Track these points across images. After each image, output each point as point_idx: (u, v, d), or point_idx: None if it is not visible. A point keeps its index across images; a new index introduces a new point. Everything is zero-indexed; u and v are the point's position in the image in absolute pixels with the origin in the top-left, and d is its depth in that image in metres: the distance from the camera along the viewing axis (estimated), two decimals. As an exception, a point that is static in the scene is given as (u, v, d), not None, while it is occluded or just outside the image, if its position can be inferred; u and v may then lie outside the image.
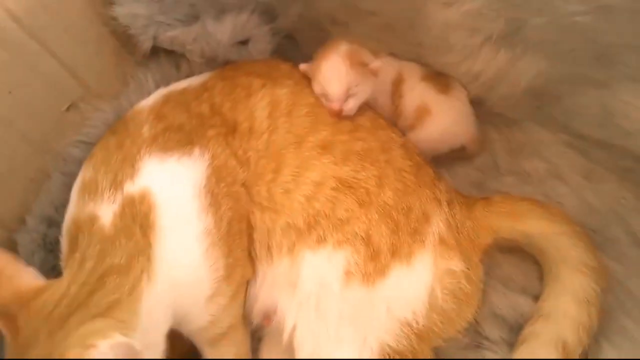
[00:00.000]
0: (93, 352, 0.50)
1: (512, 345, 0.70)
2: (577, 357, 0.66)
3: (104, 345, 0.51)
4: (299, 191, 0.66)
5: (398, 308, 0.63)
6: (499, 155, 0.78)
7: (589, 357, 0.67)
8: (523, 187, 0.76)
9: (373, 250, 0.64)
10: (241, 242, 0.67)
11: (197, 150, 0.66)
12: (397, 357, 0.63)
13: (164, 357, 0.60)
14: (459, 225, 0.68)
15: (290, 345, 0.65)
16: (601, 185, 0.75)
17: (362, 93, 0.73)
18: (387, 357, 0.63)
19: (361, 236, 0.65)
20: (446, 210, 0.68)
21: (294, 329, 0.65)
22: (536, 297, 0.72)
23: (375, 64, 0.73)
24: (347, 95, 0.71)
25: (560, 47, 0.66)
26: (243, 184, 0.68)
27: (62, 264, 0.63)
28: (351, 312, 0.63)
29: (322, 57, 0.74)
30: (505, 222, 0.69)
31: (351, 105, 0.72)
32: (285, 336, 0.65)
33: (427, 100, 0.77)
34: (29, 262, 0.61)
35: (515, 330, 0.71)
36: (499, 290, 0.72)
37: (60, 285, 0.57)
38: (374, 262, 0.64)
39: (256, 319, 0.70)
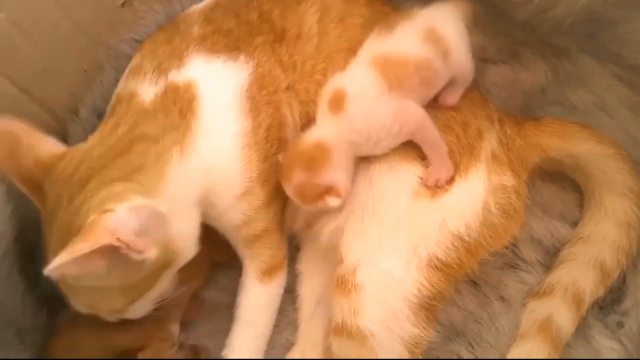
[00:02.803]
0: (110, 217, 0.48)
1: (547, 267, 0.72)
2: (614, 280, 0.67)
3: (122, 209, 0.49)
4: None
5: (453, 221, 0.63)
6: (545, 85, 0.78)
7: (627, 281, 0.69)
8: (568, 118, 0.75)
9: None
10: (279, 149, 0.67)
11: (242, 57, 0.66)
12: (444, 268, 0.63)
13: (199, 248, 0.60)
14: (509, 142, 0.68)
15: (333, 250, 0.65)
16: (647, 118, 0.74)
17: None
18: (434, 268, 0.62)
19: None
20: (497, 128, 0.68)
21: (342, 233, 0.65)
22: (574, 224, 0.72)
23: (332, 201, 0.62)
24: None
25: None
26: (287, 87, 0.67)
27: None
28: (408, 221, 0.63)
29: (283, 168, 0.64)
30: (553, 141, 0.69)
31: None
32: (332, 240, 0.66)
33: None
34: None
35: (551, 254, 0.72)
36: (537, 215, 0.73)
37: (82, 149, 0.56)
38: None
39: (297, 225, 0.70)
